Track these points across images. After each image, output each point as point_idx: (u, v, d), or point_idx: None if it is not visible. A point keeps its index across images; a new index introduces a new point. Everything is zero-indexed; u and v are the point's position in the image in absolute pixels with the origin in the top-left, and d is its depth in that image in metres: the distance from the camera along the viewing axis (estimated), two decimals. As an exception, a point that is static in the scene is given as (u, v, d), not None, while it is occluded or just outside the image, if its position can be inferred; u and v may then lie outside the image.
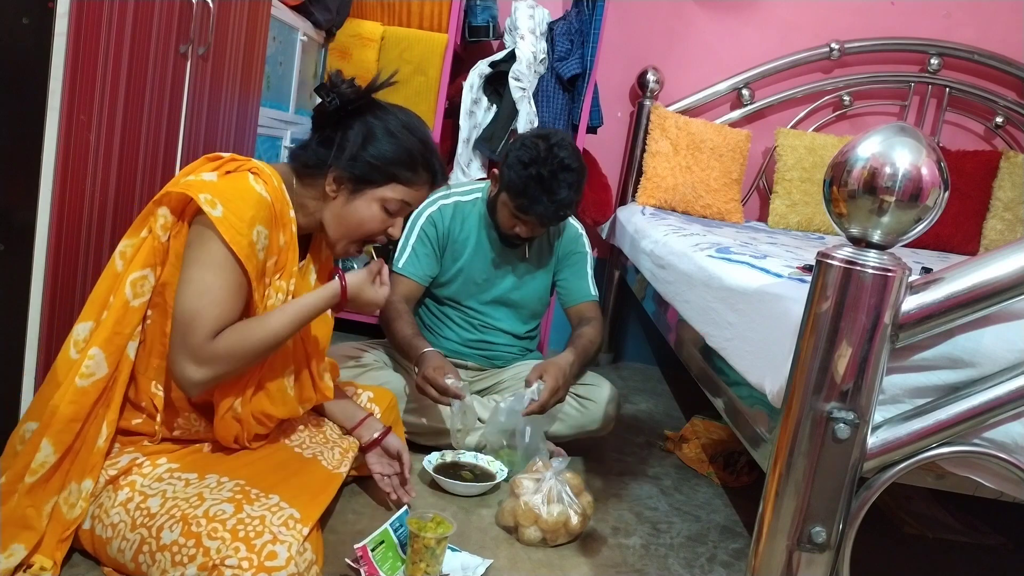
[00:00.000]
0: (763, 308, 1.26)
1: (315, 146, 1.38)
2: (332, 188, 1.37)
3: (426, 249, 2.04)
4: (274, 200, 1.30)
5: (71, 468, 1.22)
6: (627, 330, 3.32)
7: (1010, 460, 0.93)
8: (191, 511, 1.18)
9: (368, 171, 1.36)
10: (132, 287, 1.25)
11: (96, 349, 1.22)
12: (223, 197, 1.22)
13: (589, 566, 1.55)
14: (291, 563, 1.12)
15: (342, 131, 1.36)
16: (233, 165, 1.29)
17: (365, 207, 1.39)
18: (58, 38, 1.17)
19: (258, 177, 1.29)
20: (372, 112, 1.38)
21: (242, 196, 1.25)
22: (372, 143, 1.36)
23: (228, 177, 1.27)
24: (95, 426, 1.25)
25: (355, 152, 1.35)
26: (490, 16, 2.72)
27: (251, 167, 1.30)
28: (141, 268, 1.25)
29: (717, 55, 3.12)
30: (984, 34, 3.12)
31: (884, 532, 1.91)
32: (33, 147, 1.19)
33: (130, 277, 1.24)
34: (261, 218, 1.26)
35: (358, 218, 1.39)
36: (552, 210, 1.89)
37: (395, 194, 1.39)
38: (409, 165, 1.38)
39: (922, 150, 0.85)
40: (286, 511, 1.20)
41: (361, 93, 1.36)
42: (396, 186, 1.38)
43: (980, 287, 0.89)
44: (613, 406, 2.06)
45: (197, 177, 1.25)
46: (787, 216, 2.99)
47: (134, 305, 1.25)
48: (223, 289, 1.23)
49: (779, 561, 0.95)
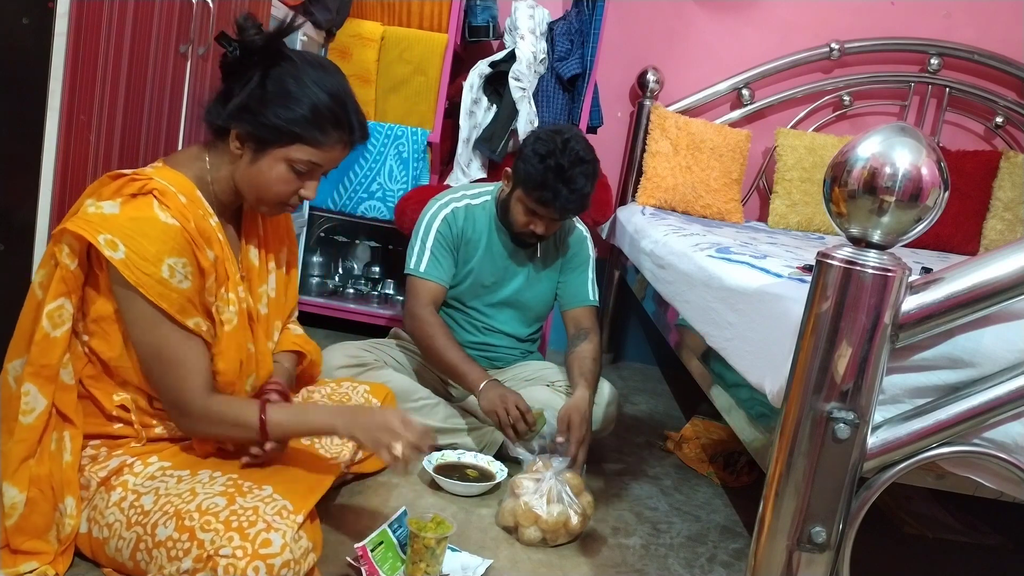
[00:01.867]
0: (763, 308, 1.26)
1: (216, 101, 1.27)
2: (236, 146, 1.27)
3: (444, 251, 2.03)
4: (184, 222, 1.21)
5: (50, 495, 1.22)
6: (627, 330, 3.32)
7: (1010, 460, 0.93)
8: (184, 506, 1.18)
9: (269, 130, 1.25)
10: (49, 319, 1.20)
11: (28, 384, 1.19)
12: (123, 235, 1.16)
13: (589, 566, 1.55)
14: (286, 550, 1.12)
15: (245, 87, 1.24)
16: (135, 187, 1.20)
17: (270, 167, 1.27)
18: (58, 38, 1.17)
19: (162, 202, 1.20)
20: (279, 63, 1.26)
21: (143, 231, 1.17)
22: (275, 98, 1.24)
23: (131, 205, 1.19)
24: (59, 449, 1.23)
25: (256, 108, 1.24)
26: (490, 16, 2.72)
27: (154, 188, 1.21)
28: (55, 298, 1.20)
29: (717, 55, 3.12)
30: (984, 34, 3.12)
31: (884, 532, 1.91)
32: (33, 147, 1.19)
33: (46, 309, 1.19)
34: (170, 250, 1.19)
35: (264, 179, 1.28)
36: (572, 201, 1.88)
37: (302, 155, 1.27)
38: (316, 124, 1.26)
39: (922, 150, 0.85)
40: (279, 502, 1.20)
41: (268, 39, 1.24)
42: (302, 147, 1.27)
43: (980, 287, 0.89)
44: (613, 407, 2.06)
45: (98, 208, 1.18)
46: (787, 216, 2.99)
47: (55, 336, 1.20)
48: (170, 347, 1.23)
49: (779, 561, 0.95)
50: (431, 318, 1.97)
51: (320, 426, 1.35)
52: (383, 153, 2.71)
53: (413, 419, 1.33)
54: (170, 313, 1.20)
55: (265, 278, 1.47)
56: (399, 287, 2.94)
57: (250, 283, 1.42)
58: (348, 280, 2.97)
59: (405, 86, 2.72)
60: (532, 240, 2.02)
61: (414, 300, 2.00)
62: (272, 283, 1.49)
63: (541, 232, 1.97)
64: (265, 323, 1.46)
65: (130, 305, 1.20)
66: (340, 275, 3.01)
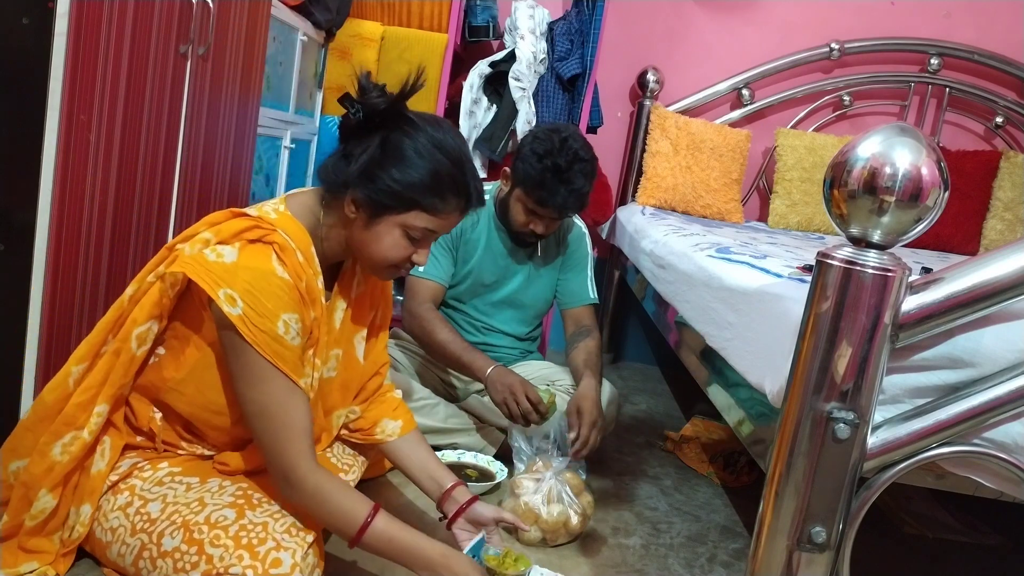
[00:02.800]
0: (763, 308, 1.26)
1: (335, 162, 1.25)
2: (351, 210, 1.24)
3: (443, 250, 2.03)
4: (297, 280, 1.19)
5: (72, 499, 1.22)
6: (627, 330, 3.32)
7: (1010, 460, 0.93)
8: (192, 517, 1.17)
9: (387, 196, 1.21)
10: (138, 340, 1.20)
11: (103, 406, 1.19)
12: (243, 289, 1.13)
13: (589, 566, 1.55)
14: (296, 570, 1.12)
15: (364, 147, 1.22)
16: (256, 234, 1.18)
17: (386, 233, 1.24)
18: (58, 38, 1.17)
19: (280, 257, 1.18)
20: (400, 125, 1.23)
21: (262, 287, 1.14)
22: (395, 164, 1.21)
23: (249, 253, 1.16)
24: (91, 457, 1.23)
25: (375, 173, 1.21)
26: (490, 16, 2.72)
27: (275, 241, 1.18)
28: (146, 320, 1.20)
29: (717, 55, 3.12)
30: (984, 34, 3.12)
31: (884, 532, 1.91)
32: (33, 147, 1.19)
33: (136, 330, 1.19)
34: (285, 305, 1.16)
35: (379, 245, 1.25)
36: (570, 200, 1.88)
37: (419, 222, 1.23)
38: (435, 191, 1.23)
39: (922, 150, 0.85)
40: (288, 517, 1.20)
41: (392, 102, 1.22)
42: (419, 213, 1.23)
43: (980, 287, 0.89)
44: (614, 407, 2.06)
45: (219, 257, 1.15)
46: (787, 216, 3.00)
47: (137, 355, 1.22)
48: (275, 404, 1.16)
49: (779, 561, 0.95)
50: (429, 314, 1.97)
51: (413, 562, 1.22)
52: (383, 153, 2.71)
53: None
54: (284, 371, 1.16)
55: (344, 343, 1.40)
56: (398, 287, 2.93)
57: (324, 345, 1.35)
58: (348, 280, 2.97)
59: (405, 86, 2.71)
60: (532, 239, 2.02)
61: (413, 299, 2.00)
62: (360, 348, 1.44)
63: (541, 231, 1.96)
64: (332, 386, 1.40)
65: (238, 356, 1.15)
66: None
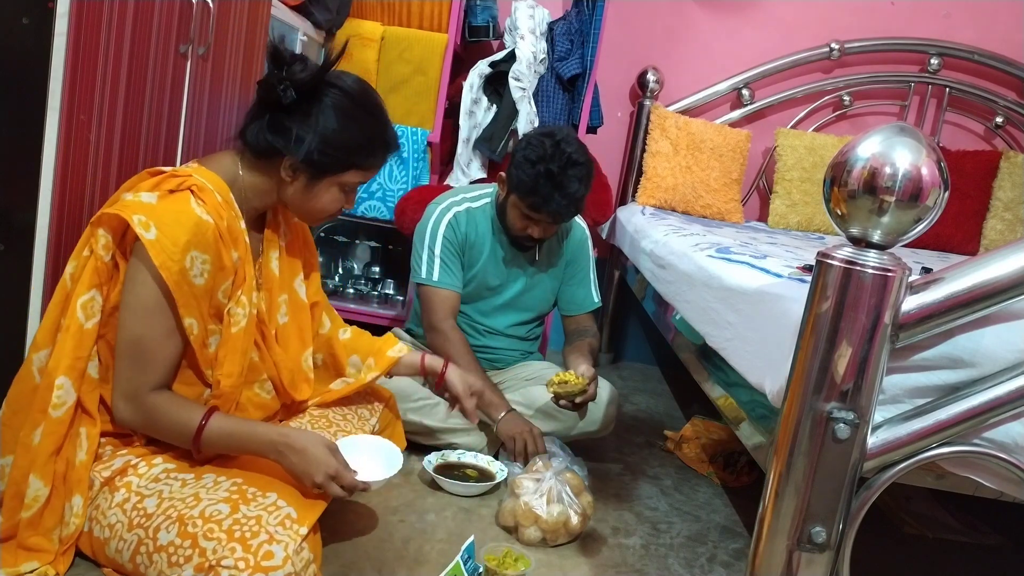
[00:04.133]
0: (763, 308, 1.26)
1: (267, 133, 1.30)
2: (288, 175, 1.33)
3: (453, 257, 2.03)
4: (218, 219, 1.26)
5: (63, 491, 1.23)
6: (627, 330, 3.32)
7: (1010, 460, 0.93)
8: (187, 511, 1.17)
9: (327, 162, 1.32)
10: (83, 310, 1.22)
11: (63, 378, 1.20)
12: (158, 220, 1.19)
13: (589, 566, 1.55)
14: (288, 563, 1.12)
15: (297, 119, 1.29)
16: (174, 182, 1.25)
17: (325, 192, 1.36)
18: (58, 38, 1.17)
19: (199, 197, 1.25)
20: (327, 92, 1.31)
21: (178, 220, 1.21)
22: (330, 131, 1.30)
23: (169, 198, 1.23)
24: (73, 445, 1.24)
25: (312, 142, 1.29)
26: (490, 16, 2.72)
27: (192, 184, 1.25)
28: (88, 290, 1.22)
29: (717, 55, 3.12)
30: (984, 34, 3.12)
31: (884, 532, 1.91)
32: (33, 147, 1.19)
33: (80, 300, 1.22)
34: (197, 243, 1.22)
35: (319, 203, 1.36)
36: (564, 205, 1.88)
37: (354, 179, 1.37)
38: (369, 151, 1.36)
39: (922, 150, 0.85)
40: (283, 510, 1.20)
41: (316, 74, 1.29)
42: (356, 172, 1.36)
43: (980, 287, 0.89)
44: (613, 407, 2.06)
45: (136, 197, 1.22)
46: (787, 216, 2.99)
47: (88, 327, 1.23)
48: (153, 339, 1.22)
49: (779, 561, 0.95)
50: (453, 334, 1.97)
51: (256, 449, 1.28)
52: (383, 153, 2.71)
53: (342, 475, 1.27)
54: (175, 301, 1.21)
55: (286, 288, 1.49)
56: (399, 287, 2.94)
57: (270, 293, 1.44)
58: (348, 280, 2.97)
59: (405, 86, 2.72)
60: (530, 243, 2.03)
61: (433, 314, 1.99)
62: (302, 290, 1.52)
63: (539, 235, 1.97)
64: (289, 331, 1.48)
65: (136, 285, 1.21)
66: (340, 275, 3.01)
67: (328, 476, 1.25)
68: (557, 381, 1.78)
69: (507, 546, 1.40)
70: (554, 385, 1.79)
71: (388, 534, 1.53)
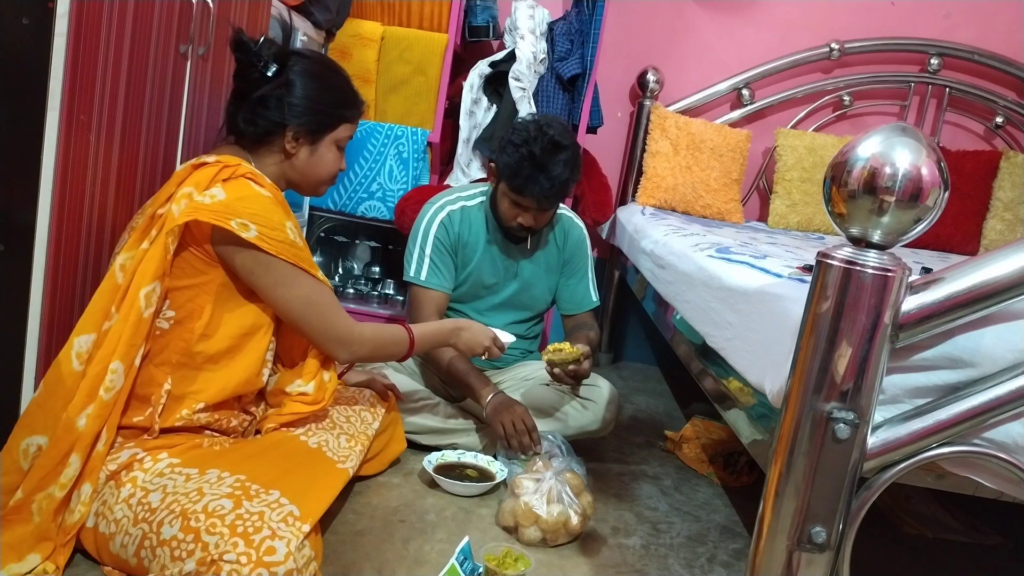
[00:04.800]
0: (763, 308, 1.26)
1: (252, 112, 1.40)
2: (292, 145, 1.44)
3: (443, 257, 2.03)
4: (275, 193, 1.39)
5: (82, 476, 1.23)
6: (627, 330, 3.32)
7: (1010, 460, 0.93)
8: (190, 506, 1.18)
9: (323, 118, 1.45)
10: (146, 300, 1.27)
11: (117, 363, 1.24)
12: (248, 214, 1.31)
13: (589, 566, 1.55)
14: (289, 559, 1.12)
15: (280, 92, 1.40)
16: (227, 172, 1.35)
17: (326, 152, 1.49)
18: (58, 38, 1.17)
19: (256, 181, 1.37)
20: (293, 62, 1.42)
21: (263, 206, 1.34)
22: (315, 91, 1.43)
23: (233, 188, 1.33)
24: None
25: (304, 104, 1.42)
26: (490, 16, 2.72)
27: (245, 173, 1.37)
28: (151, 281, 1.28)
29: (717, 55, 3.12)
30: (984, 34, 3.12)
31: (884, 532, 1.91)
32: (33, 147, 1.19)
33: (143, 291, 1.27)
34: (283, 216, 1.36)
35: (324, 166, 1.50)
36: (548, 188, 1.86)
37: (346, 132, 1.50)
38: (351, 101, 1.50)
39: (922, 150, 0.85)
40: (286, 508, 1.20)
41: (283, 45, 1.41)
42: (346, 125, 1.49)
43: (980, 287, 0.89)
44: (614, 407, 2.05)
45: (212, 199, 1.30)
46: (787, 216, 3.00)
47: (146, 317, 1.28)
48: (315, 290, 1.40)
49: (779, 561, 0.95)
50: None
51: (443, 338, 1.69)
52: (383, 153, 2.71)
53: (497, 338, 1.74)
54: (304, 267, 1.38)
55: None
56: (399, 287, 2.94)
57: None
58: (348, 280, 2.97)
59: (405, 86, 2.72)
60: (522, 233, 2.02)
61: (419, 313, 2.00)
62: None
63: (529, 224, 1.96)
64: None
65: (267, 271, 1.35)
66: (340, 275, 3.01)
67: (491, 339, 1.72)
68: (552, 350, 1.82)
69: (507, 546, 1.40)
70: (549, 353, 1.82)
71: (388, 534, 1.54)
